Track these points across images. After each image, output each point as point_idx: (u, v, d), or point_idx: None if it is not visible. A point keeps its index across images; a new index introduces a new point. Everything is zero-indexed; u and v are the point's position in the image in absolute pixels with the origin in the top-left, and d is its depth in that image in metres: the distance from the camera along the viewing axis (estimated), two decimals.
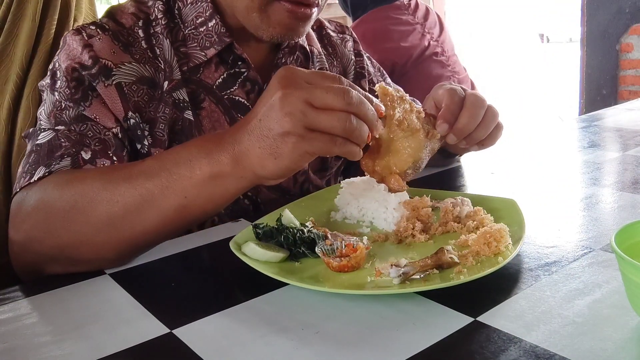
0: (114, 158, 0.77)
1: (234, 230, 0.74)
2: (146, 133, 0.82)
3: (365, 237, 0.66)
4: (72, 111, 0.78)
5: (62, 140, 0.75)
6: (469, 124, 0.75)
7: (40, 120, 0.80)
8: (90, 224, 0.66)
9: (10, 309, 0.60)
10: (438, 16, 2.04)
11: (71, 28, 1.22)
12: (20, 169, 0.76)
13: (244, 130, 0.62)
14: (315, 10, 0.84)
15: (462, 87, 0.79)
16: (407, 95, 0.72)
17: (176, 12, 0.87)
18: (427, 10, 2.01)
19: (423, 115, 0.73)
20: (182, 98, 0.84)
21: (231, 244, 0.65)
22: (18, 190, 0.73)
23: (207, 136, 0.70)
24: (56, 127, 0.77)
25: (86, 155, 0.74)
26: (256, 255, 0.63)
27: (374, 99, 0.65)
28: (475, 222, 0.68)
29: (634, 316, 0.49)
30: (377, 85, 0.70)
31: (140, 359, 0.49)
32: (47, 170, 0.72)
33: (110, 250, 0.67)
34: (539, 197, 0.84)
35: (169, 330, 0.53)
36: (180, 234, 0.72)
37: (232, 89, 0.88)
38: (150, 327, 0.53)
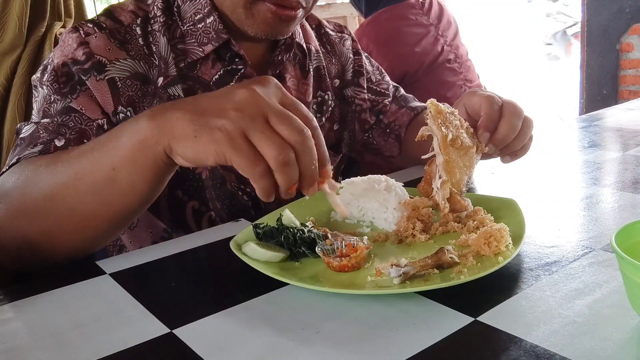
0: None
1: (234, 230, 0.74)
2: None
3: (365, 237, 0.66)
4: (59, 104, 0.80)
5: (41, 132, 0.77)
6: (508, 133, 0.73)
7: (32, 115, 0.83)
8: (37, 208, 0.66)
9: (10, 309, 0.60)
10: (452, 15, 2.01)
11: (54, 32, 1.22)
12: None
13: (187, 102, 0.60)
14: (300, 11, 0.84)
15: (495, 94, 0.77)
16: (457, 110, 0.70)
17: (175, 9, 0.88)
18: (441, 9, 1.97)
19: (472, 130, 0.71)
20: (177, 94, 0.86)
21: (231, 244, 0.65)
22: None
23: (145, 111, 0.67)
24: (41, 120, 0.78)
25: (59, 143, 0.75)
26: (256, 255, 0.63)
27: (327, 157, 0.60)
28: (475, 222, 0.68)
29: (634, 316, 0.49)
30: (428, 101, 0.68)
31: (140, 359, 0.49)
32: (17, 158, 0.73)
33: (62, 237, 0.67)
34: (539, 197, 0.84)
35: (169, 330, 0.53)
36: (126, 221, 0.70)
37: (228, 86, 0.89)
38: (150, 327, 0.53)
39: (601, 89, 3.77)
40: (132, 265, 0.69)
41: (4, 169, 0.74)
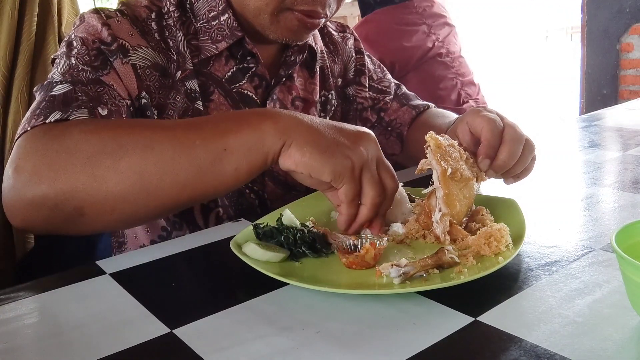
0: None
1: (234, 230, 0.74)
2: (155, 117, 0.84)
3: (385, 238, 0.65)
4: (89, 74, 0.77)
5: (80, 94, 0.73)
6: (508, 160, 0.72)
7: (53, 77, 0.77)
8: (116, 170, 0.63)
9: (10, 309, 0.60)
10: (446, 15, 2.02)
11: (56, 27, 1.21)
12: (27, 115, 0.71)
13: (314, 119, 0.66)
14: (323, 20, 0.86)
15: (499, 115, 0.76)
16: (456, 142, 0.70)
17: (188, 6, 0.89)
18: (435, 8, 1.98)
19: (471, 161, 0.71)
20: (193, 88, 0.86)
21: (231, 244, 0.65)
22: (28, 128, 0.68)
23: (262, 109, 0.75)
24: (74, 83, 0.75)
25: (103, 112, 0.73)
26: (256, 255, 0.63)
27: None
28: (477, 224, 0.68)
29: (634, 316, 0.49)
30: (427, 135, 0.67)
31: (140, 359, 0.49)
32: (65, 116, 0.69)
33: (129, 205, 0.64)
34: (539, 197, 0.84)
35: (169, 330, 0.53)
36: (204, 200, 0.72)
37: (240, 83, 0.90)
38: (150, 327, 0.53)
39: (601, 89, 3.77)
40: (132, 265, 0.69)
41: (43, 119, 0.68)
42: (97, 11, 0.83)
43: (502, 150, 0.72)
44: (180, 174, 0.64)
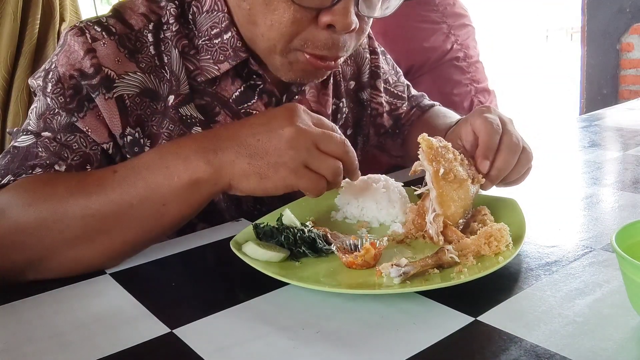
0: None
1: (234, 230, 0.74)
2: (146, 148, 0.79)
3: (385, 238, 0.65)
4: (63, 119, 0.74)
5: (40, 149, 0.72)
6: (503, 169, 0.71)
7: (30, 120, 0.76)
8: (63, 238, 0.64)
9: (10, 309, 0.60)
10: (467, 14, 1.99)
11: (57, 27, 1.21)
12: None
13: (234, 141, 0.65)
14: (339, 61, 0.79)
15: (502, 119, 0.75)
16: (450, 144, 0.70)
17: (190, 17, 0.81)
18: (457, 7, 1.94)
19: (467, 162, 0.70)
20: (189, 114, 0.80)
21: (231, 244, 0.65)
22: None
23: (179, 140, 0.69)
24: (42, 133, 0.73)
25: (59, 168, 0.72)
26: (256, 255, 0.63)
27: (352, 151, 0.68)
28: (477, 224, 0.68)
29: (634, 316, 0.49)
30: (420, 137, 0.67)
31: (140, 359, 0.49)
32: (14, 178, 0.70)
33: (86, 262, 0.66)
34: (539, 196, 0.84)
35: (169, 330, 0.53)
36: (159, 240, 0.72)
37: (249, 103, 0.84)
38: (150, 327, 0.53)
39: (601, 88, 3.77)
40: (132, 265, 0.69)
41: None
42: (82, 31, 0.76)
43: (498, 158, 0.71)
44: (127, 233, 0.66)
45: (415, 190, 0.76)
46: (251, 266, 0.61)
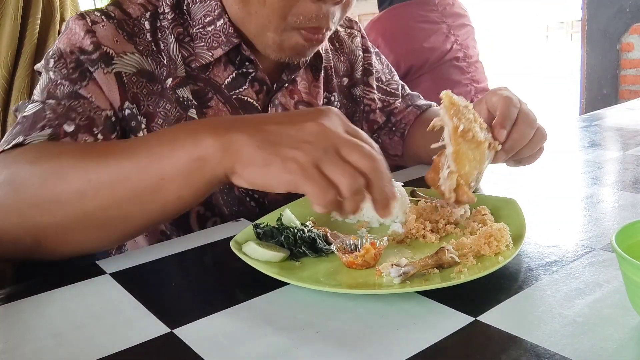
0: (99, 136, 0.76)
1: (234, 230, 0.74)
2: (142, 126, 0.82)
3: (385, 238, 0.65)
4: (66, 88, 0.77)
5: (48, 112, 0.74)
6: (518, 140, 0.72)
7: (34, 96, 0.79)
8: (60, 202, 0.63)
9: (10, 309, 0.60)
10: (466, 14, 1.98)
11: (57, 27, 1.21)
12: (2, 140, 0.74)
13: (250, 124, 0.59)
14: (328, 33, 0.84)
15: (518, 97, 0.77)
16: (471, 104, 0.70)
17: (185, 8, 0.86)
18: (456, 7, 1.94)
19: (485, 126, 0.70)
20: (185, 96, 0.84)
21: (231, 244, 0.65)
22: None
23: (197, 120, 0.67)
24: (46, 101, 0.75)
25: (68, 128, 0.73)
26: (256, 254, 0.63)
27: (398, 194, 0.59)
28: (479, 224, 0.68)
29: (634, 316, 0.49)
30: (443, 92, 0.66)
31: (140, 359, 0.49)
32: (24, 139, 0.70)
33: (80, 235, 0.64)
34: (539, 196, 0.84)
35: (169, 330, 0.53)
36: (155, 225, 0.68)
37: (241, 89, 0.88)
38: (150, 327, 0.53)
39: (601, 88, 3.77)
40: (132, 265, 0.69)
41: (5, 146, 0.69)
42: (82, 16, 0.81)
43: (515, 129, 0.72)
44: (122, 206, 0.62)
45: (414, 190, 0.76)
46: (251, 266, 0.61)
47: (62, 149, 0.67)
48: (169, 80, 0.83)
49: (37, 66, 0.83)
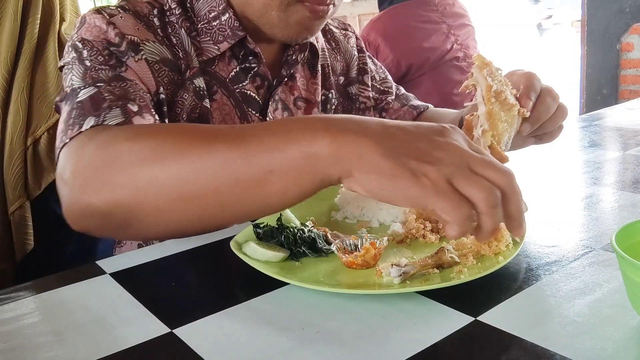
0: (156, 118, 0.75)
1: (234, 230, 0.74)
2: (165, 112, 0.83)
3: (385, 238, 0.65)
4: (109, 72, 0.75)
5: (106, 94, 0.71)
6: (543, 112, 0.75)
7: (71, 86, 0.75)
8: (156, 185, 0.58)
9: (10, 309, 0.60)
10: (466, 14, 1.99)
11: (57, 27, 1.21)
12: (61, 127, 0.70)
13: (375, 127, 0.54)
14: (332, 8, 0.85)
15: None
16: (502, 69, 0.71)
17: (188, 5, 0.87)
18: (456, 7, 1.94)
19: (515, 92, 0.71)
20: (201, 86, 0.85)
21: (231, 244, 0.65)
22: (67, 141, 0.67)
23: (308, 116, 0.62)
24: (97, 84, 0.73)
25: (134, 108, 0.71)
26: (256, 254, 0.63)
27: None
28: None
29: (634, 316, 0.49)
30: (475, 55, 0.68)
31: (140, 359, 0.49)
32: (99, 120, 0.67)
33: (171, 218, 0.60)
34: (539, 196, 0.84)
35: (169, 330, 0.53)
36: (251, 218, 0.63)
37: (243, 83, 0.90)
38: (150, 327, 0.53)
39: (601, 88, 3.77)
40: (132, 265, 0.69)
41: (79, 129, 0.66)
42: (98, 11, 0.81)
43: (539, 102, 0.74)
44: (221, 193, 0.57)
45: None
46: (251, 266, 0.61)
47: (160, 129, 0.63)
48: (187, 72, 0.85)
49: (61, 63, 0.80)
